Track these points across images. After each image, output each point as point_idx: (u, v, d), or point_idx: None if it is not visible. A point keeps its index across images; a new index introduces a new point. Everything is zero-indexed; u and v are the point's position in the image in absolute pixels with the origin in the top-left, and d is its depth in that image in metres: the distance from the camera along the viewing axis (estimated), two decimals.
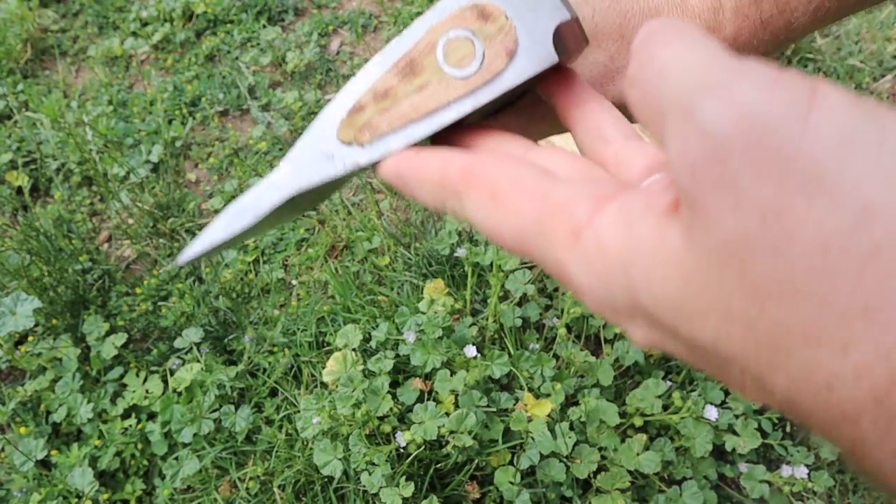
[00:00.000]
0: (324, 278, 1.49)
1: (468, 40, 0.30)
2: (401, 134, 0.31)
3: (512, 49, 0.30)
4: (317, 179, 0.32)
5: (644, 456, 1.03)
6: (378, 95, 0.32)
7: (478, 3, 0.30)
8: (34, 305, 1.34)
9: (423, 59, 0.31)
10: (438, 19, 0.31)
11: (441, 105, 0.31)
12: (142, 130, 1.89)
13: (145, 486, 1.25)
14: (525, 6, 0.30)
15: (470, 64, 0.30)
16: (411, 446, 1.04)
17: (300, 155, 0.32)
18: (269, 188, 0.33)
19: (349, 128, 0.32)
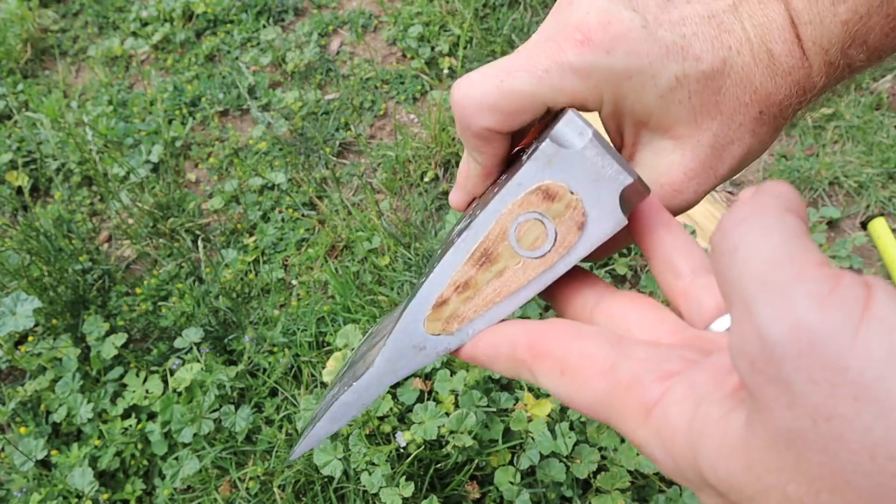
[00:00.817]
0: (324, 278, 1.49)
1: (538, 222, 0.32)
2: (486, 316, 0.34)
3: (582, 222, 0.31)
4: (412, 369, 0.35)
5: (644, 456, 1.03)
6: (459, 287, 0.33)
7: (541, 186, 0.31)
8: (34, 305, 1.34)
9: (497, 247, 0.33)
10: (505, 208, 0.32)
11: (521, 285, 0.33)
12: (142, 130, 1.89)
13: (145, 486, 1.25)
14: (587, 179, 0.31)
15: (544, 244, 0.32)
16: (411, 446, 1.04)
17: (394, 351, 0.35)
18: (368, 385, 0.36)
19: (436, 321, 0.34)
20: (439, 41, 1.97)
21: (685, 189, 0.35)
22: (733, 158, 0.35)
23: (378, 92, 1.92)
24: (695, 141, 0.34)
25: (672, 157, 0.35)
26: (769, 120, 0.35)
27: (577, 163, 0.30)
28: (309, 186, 1.69)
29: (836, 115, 1.70)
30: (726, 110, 0.34)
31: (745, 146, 0.35)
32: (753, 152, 0.36)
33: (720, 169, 0.35)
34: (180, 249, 1.59)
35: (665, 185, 0.35)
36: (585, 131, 0.30)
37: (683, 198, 0.36)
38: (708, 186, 0.36)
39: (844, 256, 1.42)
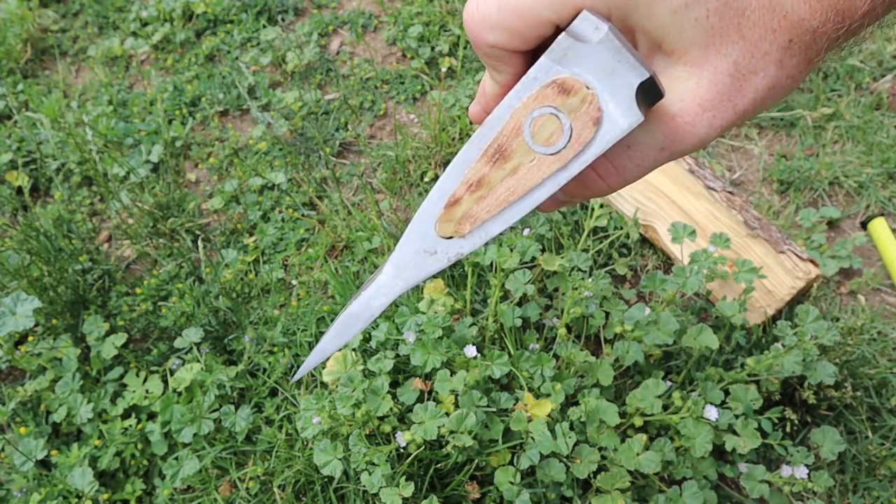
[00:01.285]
0: (324, 278, 1.49)
1: (553, 116, 0.31)
2: (499, 219, 0.32)
3: (598, 117, 0.30)
4: (423, 276, 0.34)
5: (644, 456, 1.03)
6: (472, 185, 0.32)
7: (556, 80, 0.31)
8: (34, 305, 1.33)
9: (511, 143, 0.32)
10: (519, 102, 0.31)
11: (536, 183, 0.32)
12: (142, 130, 1.89)
13: (145, 486, 1.25)
14: (603, 72, 0.30)
15: (559, 140, 0.31)
16: (411, 446, 1.04)
17: (403, 255, 0.33)
18: (376, 292, 0.34)
19: (448, 222, 0.33)
20: (439, 41, 1.97)
21: (698, 122, 0.32)
22: (756, 91, 0.32)
23: (378, 92, 1.92)
24: (712, 68, 0.31)
25: (686, 84, 0.32)
26: (800, 51, 0.31)
27: (592, 56, 0.30)
28: (309, 186, 1.69)
29: (836, 115, 1.70)
30: (750, 36, 0.31)
31: (770, 78, 0.32)
32: (780, 87, 0.32)
33: (740, 102, 0.32)
34: (180, 249, 1.59)
35: (676, 115, 0.32)
36: (601, 26, 0.30)
37: (696, 131, 0.33)
38: (725, 121, 0.32)
39: (844, 256, 1.42)
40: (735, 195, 1.44)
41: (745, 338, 1.26)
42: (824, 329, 1.12)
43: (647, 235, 1.46)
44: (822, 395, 1.20)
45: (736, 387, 1.12)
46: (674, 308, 1.26)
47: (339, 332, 0.36)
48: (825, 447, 1.13)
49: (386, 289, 0.34)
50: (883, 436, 1.21)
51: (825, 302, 1.39)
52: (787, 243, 1.34)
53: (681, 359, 1.25)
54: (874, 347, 1.28)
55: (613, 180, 0.35)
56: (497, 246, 1.20)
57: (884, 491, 1.15)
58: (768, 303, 1.28)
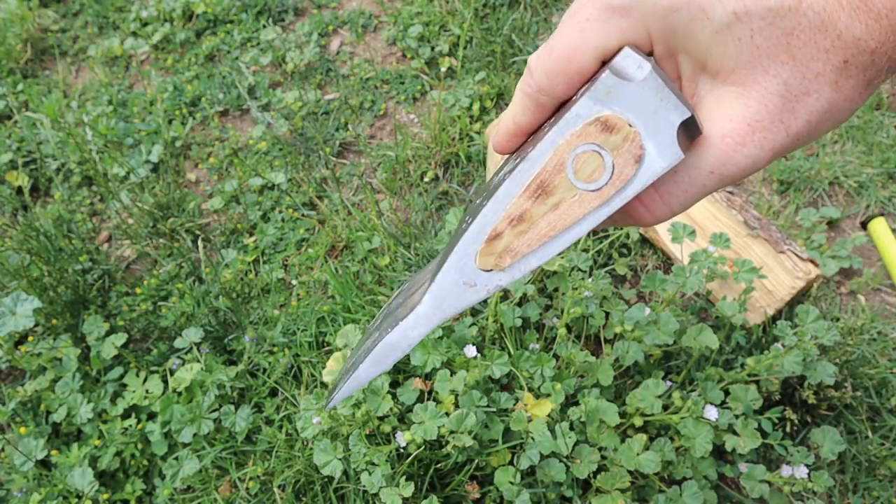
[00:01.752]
0: (324, 278, 1.49)
1: (596, 154, 0.31)
2: (539, 252, 0.33)
3: (640, 155, 0.31)
4: (461, 307, 0.34)
5: (644, 456, 1.03)
6: (514, 220, 0.33)
7: (600, 117, 0.31)
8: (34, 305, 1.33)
9: (553, 178, 0.32)
10: (563, 139, 0.32)
11: (577, 219, 0.32)
12: (142, 130, 1.89)
13: (145, 486, 1.25)
14: (646, 110, 0.30)
15: (601, 177, 0.31)
16: (411, 446, 1.04)
17: (443, 287, 0.34)
18: (415, 322, 0.35)
19: (488, 255, 0.33)
20: (439, 41, 1.97)
21: (748, 142, 0.31)
22: (810, 114, 0.31)
23: (378, 92, 1.92)
24: (761, 88, 0.30)
25: (734, 105, 0.31)
26: (857, 72, 0.30)
27: (636, 94, 0.30)
28: (309, 186, 1.69)
29: None
30: (801, 56, 0.30)
31: (824, 101, 0.30)
32: (837, 110, 0.31)
33: (793, 124, 0.31)
34: (180, 249, 1.59)
35: (727, 136, 0.31)
36: (644, 64, 0.30)
37: (747, 152, 0.31)
38: (777, 143, 0.31)
39: (844, 256, 1.42)
40: (735, 195, 1.44)
41: (745, 338, 1.26)
42: (824, 329, 1.12)
43: (646, 235, 1.46)
44: (822, 395, 1.20)
45: (736, 387, 1.12)
46: (674, 308, 1.26)
47: (377, 360, 0.36)
48: (825, 447, 1.13)
49: (424, 318, 0.35)
50: (883, 436, 1.21)
51: (825, 302, 1.39)
52: (787, 243, 1.34)
53: (681, 359, 1.25)
54: (874, 347, 1.28)
55: (659, 210, 0.34)
56: None
57: (884, 491, 1.15)
58: (768, 303, 1.28)
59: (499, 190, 0.33)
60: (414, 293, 0.37)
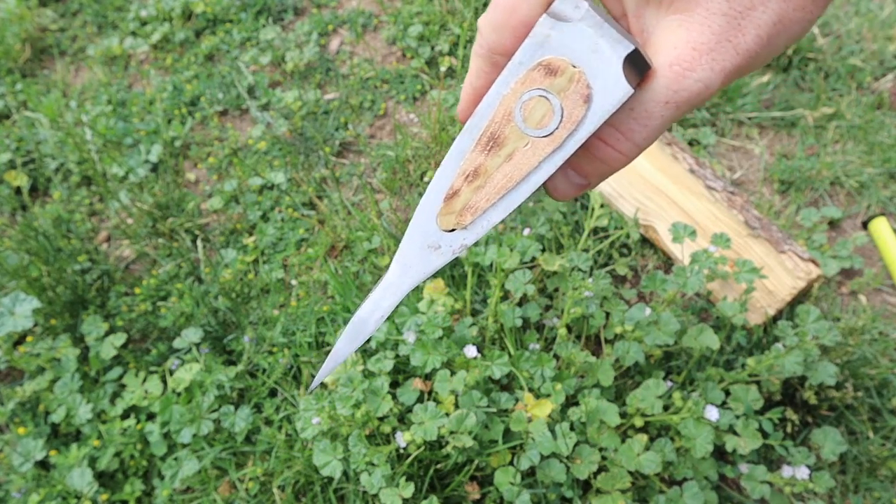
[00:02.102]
0: (323, 278, 1.49)
1: (543, 99, 0.31)
2: (500, 206, 0.33)
3: (587, 94, 0.30)
4: (429, 272, 0.34)
5: (644, 456, 1.03)
6: (469, 176, 0.32)
7: (542, 61, 0.31)
8: (33, 305, 1.33)
9: (503, 129, 0.32)
10: (507, 88, 0.31)
11: (532, 167, 0.32)
12: (141, 130, 1.88)
13: (144, 487, 1.25)
14: (587, 49, 0.30)
15: (551, 121, 0.31)
16: (411, 447, 1.03)
17: (407, 254, 0.34)
18: (384, 293, 0.34)
19: (448, 215, 0.33)
20: (439, 40, 1.97)
21: (697, 66, 0.30)
22: (759, 28, 0.30)
23: (378, 91, 1.91)
24: (703, 10, 0.30)
25: (678, 32, 0.31)
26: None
27: (575, 35, 0.30)
28: (309, 186, 1.69)
29: (837, 114, 1.70)
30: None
31: (773, 12, 0.29)
32: (789, 21, 0.30)
33: (742, 41, 0.30)
34: (179, 249, 1.58)
35: (674, 64, 0.31)
36: (581, 4, 0.30)
37: (697, 76, 0.30)
38: (728, 63, 0.30)
39: (845, 256, 1.42)
40: (736, 195, 1.44)
41: (745, 338, 1.26)
42: (825, 329, 1.12)
43: (647, 235, 1.46)
44: (823, 395, 1.20)
45: (737, 387, 1.12)
46: (674, 308, 1.26)
47: (352, 336, 0.36)
48: (826, 448, 1.12)
49: (394, 288, 0.34)
50: (884, 436, 1.20)
51: (826, 302, 1.39)
52: (788, 243, 1.33)
53: (681, 359, 1.24)
54: (875, 348, 1.27)
55: (625, 146, 0.34)
56: (497, 246, 1.19)
57: (885, 492, 1.15)
58: (769, 303, 1.28)
59: (452, 147, 0.32)
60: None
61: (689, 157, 1.51)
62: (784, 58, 1.82)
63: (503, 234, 1.38)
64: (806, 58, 1.82)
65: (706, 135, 1.68)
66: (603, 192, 1.48)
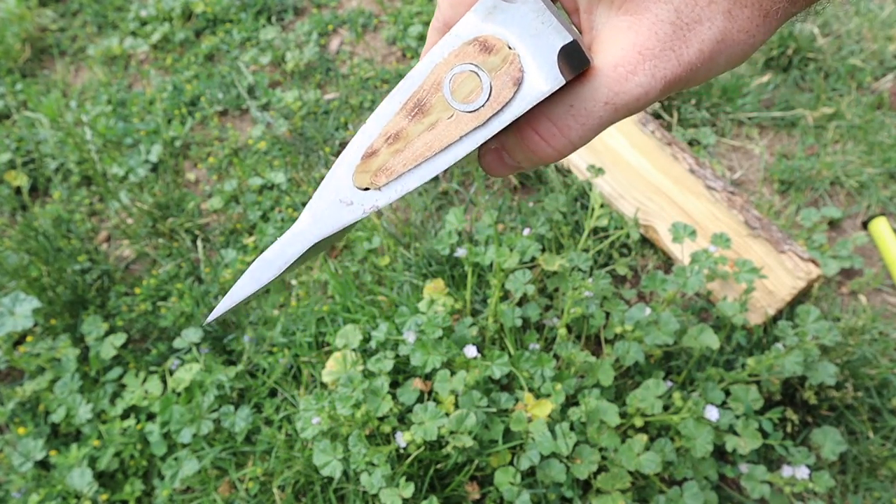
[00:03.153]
0: (323, 278, 1.49)
1: (474, 74, 0.31)
2: (416, 173, 0.32)
3: (518, 77, 0.30)
4: (338, 225, 0.34)
5: (644, 456, 1.03)
6: (390, 138, 0.32)
7: (479, 37, 0.31)
8: (33, 305, 1.33)
9: (430, 97, 0.32)
10: (441, 58, 0.31)
11: (453, 140, 0.32)
12: (141, 130, 1.88)
13: (144, 487, 1.25)
14: (526, 33, 0.30)
15: (478, 98, 0.31)
16: (411, 447, 1.03)
17: (320, 204, 0.34)
18: (292, 239, 0.34)
19: (364, 173, 0.33)
20: None
21: (639, 70, 0.30)
22: (702, 43, 0.30)
23: (378, 91, 1.91)
24: (652, 16, 0.30)
25: (627, 34, 0.31)
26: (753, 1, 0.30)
27: (516, 17, 0.30)
28: (309, 186, 1.69)
29: (837, 114, 1.70)
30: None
31: (717, 30, 0.30)
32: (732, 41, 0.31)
33: (685, 53, 0.30)
34: (179, 249, 1.59)
35: (618, 65, 0.31)
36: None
37: (638, 80, 0.31)
38: (669, 72, 0.31)
39: (845, 256, 1.42)
40: (736, 195, 1.44)
41: (745, 338, 1.26)
42: (825, 329, 1.12)
43: (647, 235, 1.46)
44: (823, 395, 1.20)
45: (737, 387, 1.12)
46: (674, 308, 1.26)
47: (253, 277, 0.35)
48: (826, 448, 1.12)
49: (301, 236, 0.34)
50: (884, 436, 1.20)
51: (826, 302, 1.39)
52: (788, 243, 1.33)
53: (681, 359, 1.24)
54: (875, 348, 1.27)
55: (558, 142, 0.33)
56: (497, 246, 1.19)
57: (885, 492, 1.15)
58: (769, 303, 1.28)
59: (378, 106, 0.33)
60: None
61: (689, 157, 1.51)
62: (784, 58, 1.82)
63: (503, 234, 1.38)
64: (806, 58, 1.82)
65: (706, 135, 1.68)
66: (603, 192, 1.48)
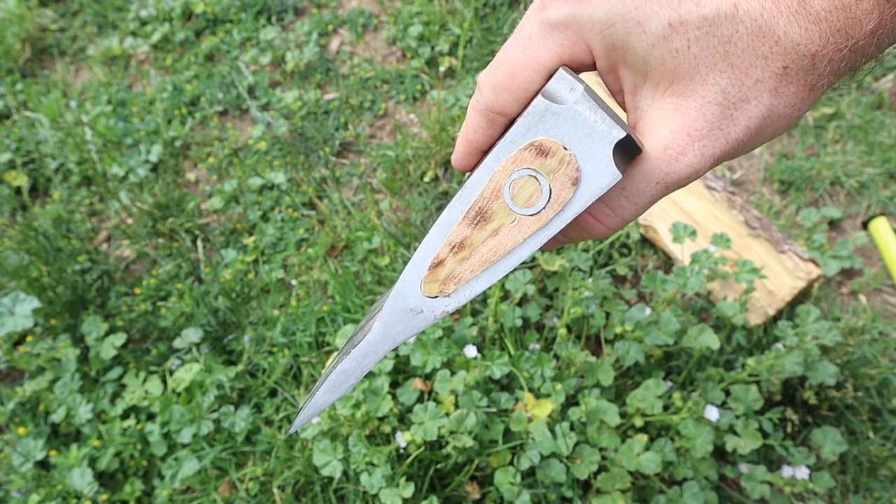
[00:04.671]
0: (323, 278, 1.49)
1: (532, 178, 0.32)
2: (483, 277, 0.34)
3: (576, 177, 0.31)
4: (410, 334, 0.35)
5: (644, 456, 1.03)
6: (455, 247, 0.33)
7: (534, 142, 0.31)
8: (33, 305, 1.33)
9: (491, 205, 0.33)
10: (499, 164, 0.32)
11: (517, 243, 0.33)
12: (141, 130, 1.88)
13: (144, 487, 1.25)
14: (580, 133, 0.30)
15: (538, 201, 0.32)
16: (411, 447, 1.03)
17: (390, 315, 0.35)
18: (366, 350, 0.36)
19: (432, 283, 0.34)
20: (439, 41, 1.97)
21: (689, 151, 0.31)
22: (749, 120, 0.31)
23: (378, 92, 1.91)
24: (699, 98, 0.31)
25: (674, 116, 0.31)
26: (798, 77, 0.30)
27: (568, 118, 0.30)
28: (309, 186, 1.69)
29: (837, 114, 1.70)
30: (739, 63, 0.29)
31: (763, 107, 0.30)
32: (777, 116, 0.31)
33: (732, 131, 0.31)
34: (179, 249, 1.59)
35: (668, 147, 0.31)
36: (577, 87, 0.30)
37: (688, 161, 0.31)
38: (717, 150, 0.31)
39: (845, 256, 1.42)
40: (736, 195, 1.44)
41: (745, 338, 1.26)
42: (825, 329, 1.12)
43: (647, 235, 1.46)
44: (823, 395, 1.20)
45: (737, 387, 1.12)
46: (674, 308, 1.26)
47: (333, 388, 0.37)
48: (826, 448, 1.12)
49: (375, 346, 0.36)
50: (884, 436, 1.20)
51: (826, 302, 1.39)
52: (788, 243, 1.33)
53: (681, 359, 1.24)
54: (875, 348, 1.27)
55: (612, 222, 0.35)
56: None
57: (885, 492, 1.15)
58: (769, 303, 1.28)
59: (440, 218, 0.33)
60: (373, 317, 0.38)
61: None
62: None
63: None
64: None
65: None
66: None
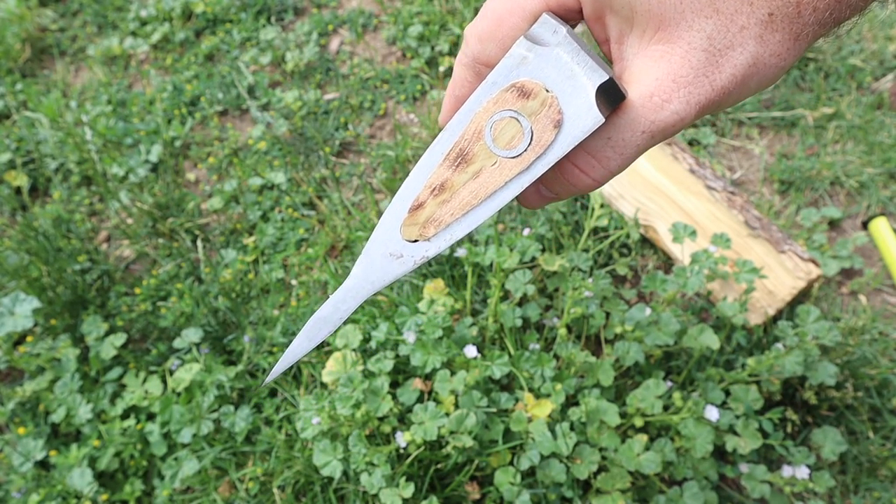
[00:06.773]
0: (323, 278, 1.49)
1: (514, 120, 0.31)
2: (464, 221, 0.33)
3: (558, 119, 0.31)
4: (390, 279, 0.34)
5: (644, 456, 1.03)
6: (435, 189, 0.33)
7: (516, 83, 0.31)
8: (33, 305, 1.33)
9: (472, 146, 0.32)
10: (480, 106, 0.32)
11: (498, 186, 0.32)
12: (141, 130, 1.88)
13: (144, 487, 1.25)
14: (562, 75, 0.30)
15: (520, 143, 0.31)
16: (411, 447, 1.03)
17: (369, 259, 0.34)
18: (344, 296, 0.35)
19: (412, 226, 0.33)
20: (439, 40, 1.97)
21: (674, 97, 0.31)
22: (735, 68, 0.30)
23: (378, 91, 1.91)
24: (685, 44, 0.30)
25: (660, 63, 0.31)
26: (783, 25, 0.30)
27: (551, 60, 0.30)
28: (309, 186, 1.69)
29: (837, 114, 1.70)
30: (725, 9, 0.29)
31: (749, 54, 0.30)
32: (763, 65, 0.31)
33: (718, 78, 0.31)
34: (179, 249, 1.58)
35: (653, 94, 0.31)
36: (559, 29, 0.30)
37: (673, 108, 0.31)
38: (703, 97, 0.31)
39: (845, 256, 1.42)
40: (736, 195, 1.44)
41: (745, 338, 1.26)
42: (825, 329, 1.12)
43: (647, 235, 1.46)
44: (823, 395, 1.20)
45: (737, 387, 1.12)
46: (674, 308, 1.26)
47: (310, 335, 0.36)
48: (826, 448, 1.12)
49: (353, 292, 0.35)
50: (884, 436, 1.20)
51: (826, 302, 1.38)
52: (788, 243, 1.33)
53: (681, 359, 1.24)
54: (875, 348, 1.27)
55: (598, 173, 0.34)
56: (497, 246, 1.19)
57: (885, 492, 1.15)
58: (769, 303, 1.28)
59: (421, 159, 0.33)
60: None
61: (689, 157, 1.51)
62: None
63: (503, 234, 1.38)
64: (806, 58, 1.82)
65: (706, 135, 1.68)
66: (603, 192, 1.48)
